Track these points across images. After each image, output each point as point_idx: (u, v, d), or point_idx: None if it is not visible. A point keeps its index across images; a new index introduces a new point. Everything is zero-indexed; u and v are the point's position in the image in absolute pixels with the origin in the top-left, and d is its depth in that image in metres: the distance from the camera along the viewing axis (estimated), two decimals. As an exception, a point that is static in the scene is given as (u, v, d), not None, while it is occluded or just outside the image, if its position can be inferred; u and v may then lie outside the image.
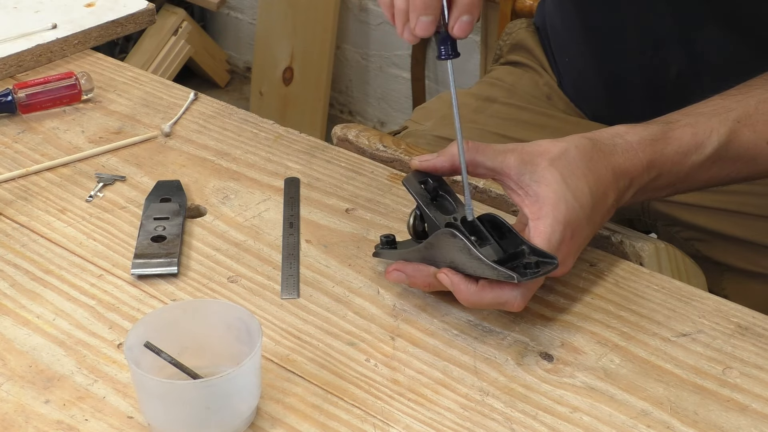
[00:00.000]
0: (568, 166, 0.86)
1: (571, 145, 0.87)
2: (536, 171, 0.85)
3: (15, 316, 0.86)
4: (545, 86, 1.31)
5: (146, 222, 0.95)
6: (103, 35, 1.28)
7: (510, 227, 0.85)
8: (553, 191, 0.84)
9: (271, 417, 0.77)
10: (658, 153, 0.90)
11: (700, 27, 1.10)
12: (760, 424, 0.76)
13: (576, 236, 0.85)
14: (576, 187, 0.85)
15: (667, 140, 0.91)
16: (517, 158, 0.86)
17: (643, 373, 0.81)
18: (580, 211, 0.85)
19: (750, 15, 1.08)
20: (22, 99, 1.12)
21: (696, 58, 1.12)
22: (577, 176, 0.86)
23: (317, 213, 0.98)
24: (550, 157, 0.86)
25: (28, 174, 1.04)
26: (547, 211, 0.84)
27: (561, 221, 0.83)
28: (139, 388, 0.75)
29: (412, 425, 0.76)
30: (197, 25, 2.93)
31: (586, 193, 0.86)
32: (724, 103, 0.94)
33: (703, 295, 0.89)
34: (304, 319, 0.86)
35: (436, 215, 0.85)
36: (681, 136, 0.91)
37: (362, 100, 2.81)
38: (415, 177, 0.88)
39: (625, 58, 1.19)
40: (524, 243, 0.83)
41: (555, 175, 0.85)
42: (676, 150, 0.91)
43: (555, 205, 0.84)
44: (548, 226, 0.83)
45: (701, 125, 0.92)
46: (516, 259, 0.83)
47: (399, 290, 0.89)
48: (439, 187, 0.88)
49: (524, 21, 1.38)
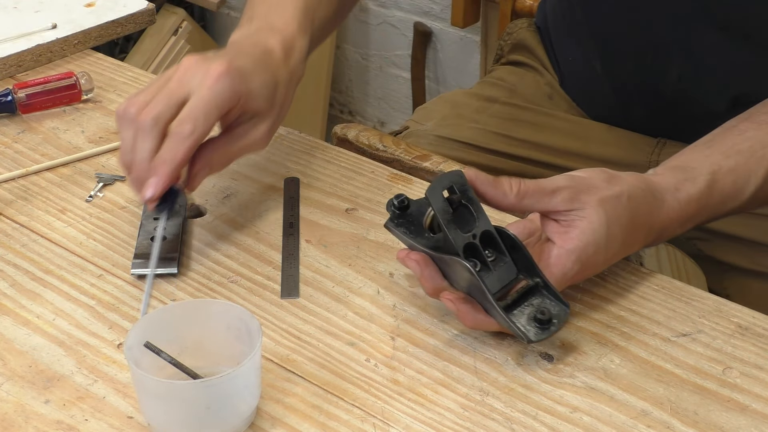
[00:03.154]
0: (615, 212, 0.84)
1: (624, 190, 0.85)
2: (584, 209, 0.83)
3: (15, 316, 0.86)
4: (546, 86, 1.31)
5: (146, 222, 0.95)
6: (103, 35, 1.28)
7: (520, 244, 0.82)
8: (593, 231, 0.82)
9: (271, 417, 0.77)
10: (701, 208, 0.90)
11: (699, 31, 1.10)
12: (760, 424, 0.76)
13: (587, 271, 0.85)
14: (613, 235, 0.84)
15: (711, 195, 0.90)
16: (567, 197, 0.83)
17: (643, 373, 0.81)
18: (603, 256, 0.84)
19: (749, 19, 1.08)
20: (22, 99, 1.12)
21: (696, 63, 1.12)
22: (619, 224, 0.84)
23: (317, 213, 0.98)
24: (601, 197, 0.83)
25: (28, 174, 1.04)
26: (576, 245, 0.82)
27: (582, 261, 0.83)
28: (139, 388, 0.75)
29: (412, 425, 0.76)
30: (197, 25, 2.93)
31: (618, 242, 0.84)
32: (759, 136, 0.93)
33: (703, 295, 0.89)
34: (304, 319, 0.86)
35: (455, 236, 0.80)
36: (723, 188, 0.90)
37: (362, 100, 2.81)
38: (440, 184, 0.81)
39: (625, 61, 1.19)
40: (537, 273, 0.81)
41: (602, 217, 0.83)
42: (717, 201, 0.90)
43: (586, 246, 0.82)
44: (569, 261, 0.82)
45: (741, 170, 0.91)
46: (530, 296, 0.81)
47: (399, 290, 0.89)
48: (463, 197, 0.82)
49: (525, 21, 1.38)
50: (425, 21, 2.53)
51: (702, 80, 1.13)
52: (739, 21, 1.09)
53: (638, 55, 1.17)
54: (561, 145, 1.25)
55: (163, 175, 0.86)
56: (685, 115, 1.16)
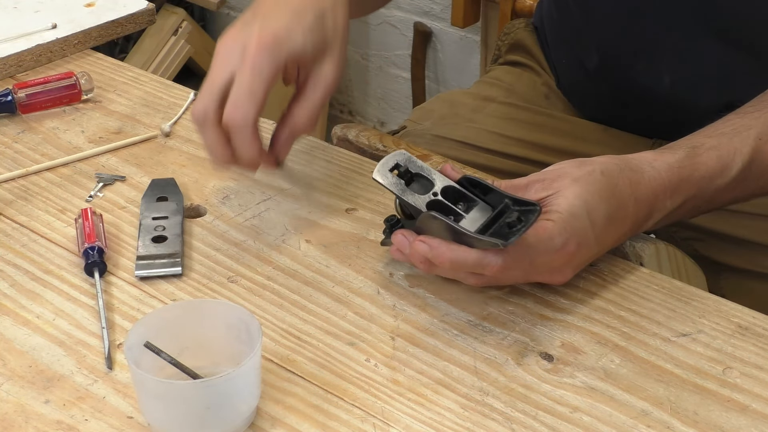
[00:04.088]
0: (590, 186, 0.85)
1: (597, 168, 0.86)
2: (559, 190, 0.84)
3: (15, 316, 0.86)
4: (543, 86, 1.31)
5: (145, 222, 0.95)
6: (103, 35, 1.28)
7: (489, 184, 0.85)
8: (570, 205, 0.83)
9: (271, 417, 0.77)
10: (684, 180, 0.90)
11: (692, 38, 1.10)
12: (760, 424, 0.76)
13: (581, 250, 0.85)
14: (594, 206, 0.84)
15: (694, 166, 0.90)
16: (540, 188, 0.85)
17: (643, 373, 0.81)
18: (590, 230, 0.84)
19: (740, 25, 1.08)
20: (22, 99, 1.12)
21: (688, 69, 1.12)
22: (599, 196, 0.85)
23: (317, 213, 0.98)
24: (573, 177, 0.85)
25: (28, 174, 1.04)
26: (558, 217, 0.83)
27: (569, 232, 0.83)
28: (139, 388, 0.75)
29: (412, 425, 0.76)
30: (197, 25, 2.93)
31: (602, 214, 0.85)
32: (742, 121, 0.93)
33: (703, 295, 0.89)
34: (304, 319, 0.86)
35: (415, 199, 0.85)
36: (706, 161, 0.91)
37: (362, 100, 2.81)
38: (384, 166, 0.86)
39: (620, 65, 1.19)
40: (506, 196, 0.83)
41: (576, 191, 0.84)
42: (702, 175, 0.90)
43: (568, 218, 0.83)
44: (554, 230, 0.82)
45: (724, 147, 0.91)
46: (501, 217, 0.83)
47: (399, 290, 0.89)
48: (410, 167, 0.86)
49: (523, 21, 1.38)
50: (425, 21, 2.53)
51: (695, 85, 1.13)
52: (732, 27, 1.09)
53: (632, 59, 1.17)
54: (558, 144, 1.25)
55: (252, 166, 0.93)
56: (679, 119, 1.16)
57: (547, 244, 0.82)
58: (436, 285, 0.89)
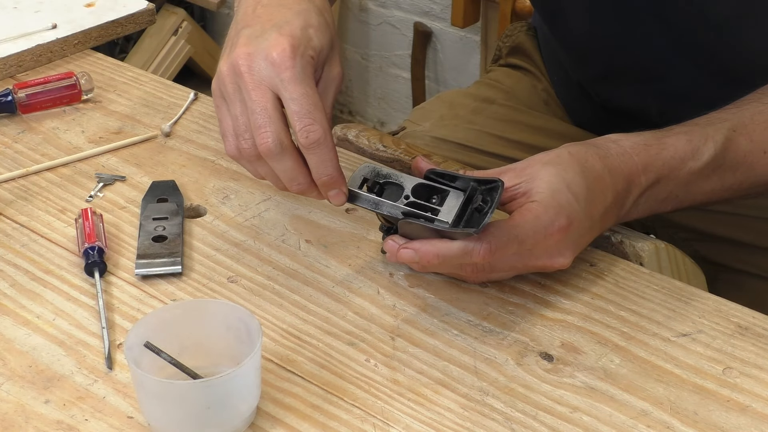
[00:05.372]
0: (561, 165, 0.86)
1: (563, 150, 0.88)
2: (532, 174, 0.85)
3: (15, 316, 0.86)
4: (543, 92, 1.31)
5: (145, 222, 0.95)
6: (103, 35, 1.28)
7: (453, 172, 0.85)
8: (548, 183, 0.84)
9: (271, 417, 0.77)
10: (653, 157, 0.90)
11: (672, 65, 1.10)
12: (760, 424, 0.76)
13: (573, 224, 0.84)
14: (571, 180, 0.85)
15: (662, 145, 0.91)
16: (512, 176, 0.86)
17: (643, 373, 0.81)
18: (575, 202, 0.85)
19: (716, 51, 1.08)
20: (22, 99, 1.12)
21: (673, 96, 1.13)
22: (573, 171, 0.86)
23: (317, 213, 0.98)
24: (543, 161, 0.86)
25: (28, 174, 1.04)
26: (540, 197, 0.84)
27: (555, 208, 0.83)
28: (139, 388, 0.75)
29: (412, 425, 0.76)
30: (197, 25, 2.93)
31: (582, 186, 0.85)
32: (718, 115, 0.94)
33: (703, 295, 0.89)
34: (304, 319, 0.86)
35: (390, 209, 0.85)
36: (675, 142, 0.91)
37: (362, 100, 2.81)
38: (353, 183, 0.86)
39: (608, 93, 1.19)
40: (470, 179, 0.84)
41: (549, 170, 0.85)
42: (672, 155, 0.90)
43: (550, 195, 0.84)
44: (539, 208, 0.83)
45: (696, 133, 0.92)
46: (471, 203, 0.84)
47: (399, 290, 0.89)
48: (376, 178, 0.87)
49: (524, 24, 1.38)
50: (425, 21, 2.53)
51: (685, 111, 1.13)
52: (705, 53, 1.09)
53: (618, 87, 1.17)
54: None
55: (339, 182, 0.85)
56: None
57: (535, 224, 0.82)
58: (436, 285, 0.89)
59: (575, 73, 1.22)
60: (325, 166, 0.83)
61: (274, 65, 0.82)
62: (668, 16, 1.07)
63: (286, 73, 0.82)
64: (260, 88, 0.82)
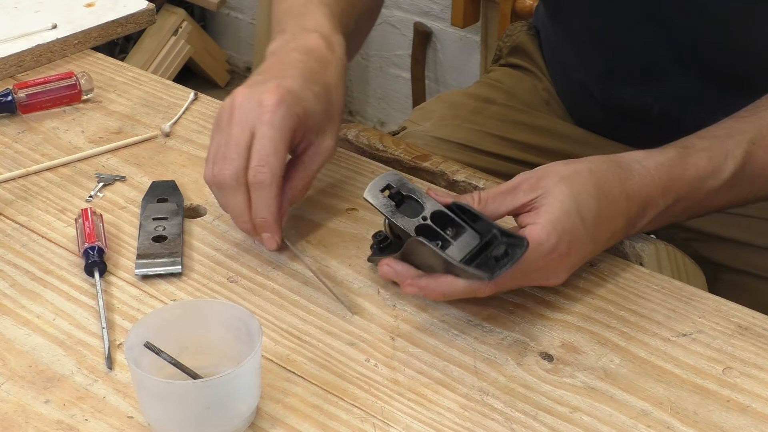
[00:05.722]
0: (578, 185, 0.85)
1: (584, 167, 0.86)
2: (546, 189, 0.84)
3: (15, 316, 0.86)
4: (544, 91, 1.31)
5: (145, 222, 0.95)
6: (103, 35, 1.28)
7: (478, 213, 0.84)
8: (560, 203, 0.83)
9: (271, 417, 0.77)
10: (674, 179, 0.89)
11: (671, 65, 1.10)
12: (760, 424, 0.76)
13: (574, 249, 0.84)
14: (584, 203, 0.84)
15: (685, 166, 0.90)
16: (527, 189, 0.84)
17: (643, 373, 0.81)
18: (581, 227, 0.84)
19: (716, 50, 1.08)
20: (22, 99, 1.12)
21: (673, 95, 1.12)
22: (587, 194, 0.84)
23: (317, 213, 0.98)
24: (561, 175, 0.85)
25: (28, 174, 1.04)
26: (547, 219, 0.83)
27: (559, 232, 0.82)
28: (139, 388, 0.75)
29: (412, 425, 0.76)
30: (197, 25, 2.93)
31: (593, 210, 0.84)
32: (736, 125, 0.93)
33: (703, 295, 0.89)
34: (304, 319, 0.86)
35: (405, 222, 0.84)
36: (697, 161, 0.90)
37: (362, 100, 2.81)
38: (375, 186, 0.86)
39: (606, 90, 1.19)
40: (494, 227, 0.83)
41: (564, 190, 0.84)
42: (693, 175, 0.90)
43: (558, 218, 0.83)
44: (543, 233, 0.82)
45: (717, 149, 0.91)
46: (489, 247, 0.82)
47: (399, 290, 0.89)
48: (401, 189, 0.86)
49: (525, 24, 1.38)
50: (425, 21, 2.53)
51: (685, 111, 1.13)
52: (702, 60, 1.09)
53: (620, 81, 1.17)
54: (558, 148, 1.24)
55: (273, 228, 0.89)
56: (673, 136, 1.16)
57: (537, 250, 0.82)
58: (436, 285, 0.89)
59: (577, 72, 1.22)
60: (262, 208, 0.88)
61: (259, 107, 0.88)
62: (667, 14, 1.07)
63: (265, 116, 0.87)
64: (241, 125, 0.88)
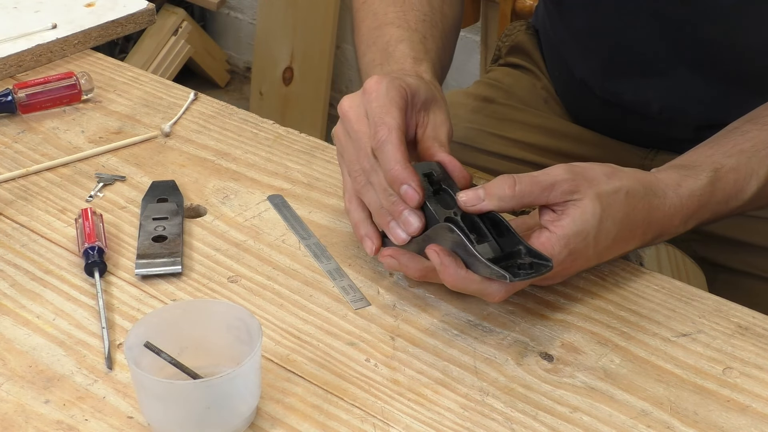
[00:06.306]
0: (611, 207, 0.84)
1: (624, 186, 0.85)
2: (581, 199, 0.83)
3: (15, 316, 0.86)
4: (543, 90, 1.31)
5: (145, 222, 0.95)
6: (103, 35, 1.28)
7: (509, 226, 0.84)
8: (584, 222, 0.83)
9: (271, 417, 0.77)
10: (702, 207, 0.90)
11: (671, 60, 1.10)
12: (760, 424, 0.76)
13: (577, 261, 0.85)
14: (605, 230, 0.84)
15: (713, 193, 0.90)
16: (566, 190, 0.83)
17: (643, 373, 0.81)
18: (591, 249, 0.84)
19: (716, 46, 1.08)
20: (22, 99, 1.12)
21: (673, 91, 1.12)
22: (613, 220, 0.84)
23: (317, 213, 0.98)
24: (599, 190, 0.84)
25: (28, 174, 1.04)
26: (566, 233, 0.82)
27: (571, 249, 0.83)
28: (139, 388, 0.75)
29: (412, 425, 0.76)
30: (197, 25, 2.93)
31: (610, 238, 0.85)
32: (761, 136, 0.93)
33: (703, 295, 0.89)
34: (304, 319, 0.86)
35: (437, 209, 0.84)
36: (725, 186, 0.91)
37: (362, 100, 2.80)
38: (419, 168, 0.86)
39: (605, 88, 1.19)
40: (521, 243, 0.82)
41: (596, 209, 0.83)
42: (718, 200, 0.90)
43: (576, 234, 0.83)
44: (558, 245, 0.82)
45: (743, 170, 0.91)
46: (511, 259, 0.82)
47: (399, 290, 0.89)
48: (442, 181, 0.86)
49: (524, 23, 1.38)
50: (425, 21, 2.53)
51: (684, 109, 1.13)
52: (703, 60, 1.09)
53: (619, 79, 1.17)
54: (557, 147, 1.24)
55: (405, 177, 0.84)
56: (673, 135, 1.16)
57: None
58: (436, 285, 0.89)
59: (577, 67, 1.22)
60: (389, 161, 0.84)
61: (365, 94, 0.88)
62: (668, 8, 1.07)
63: (372, 95, 0.87)
64: (360, 120, 0.88)
